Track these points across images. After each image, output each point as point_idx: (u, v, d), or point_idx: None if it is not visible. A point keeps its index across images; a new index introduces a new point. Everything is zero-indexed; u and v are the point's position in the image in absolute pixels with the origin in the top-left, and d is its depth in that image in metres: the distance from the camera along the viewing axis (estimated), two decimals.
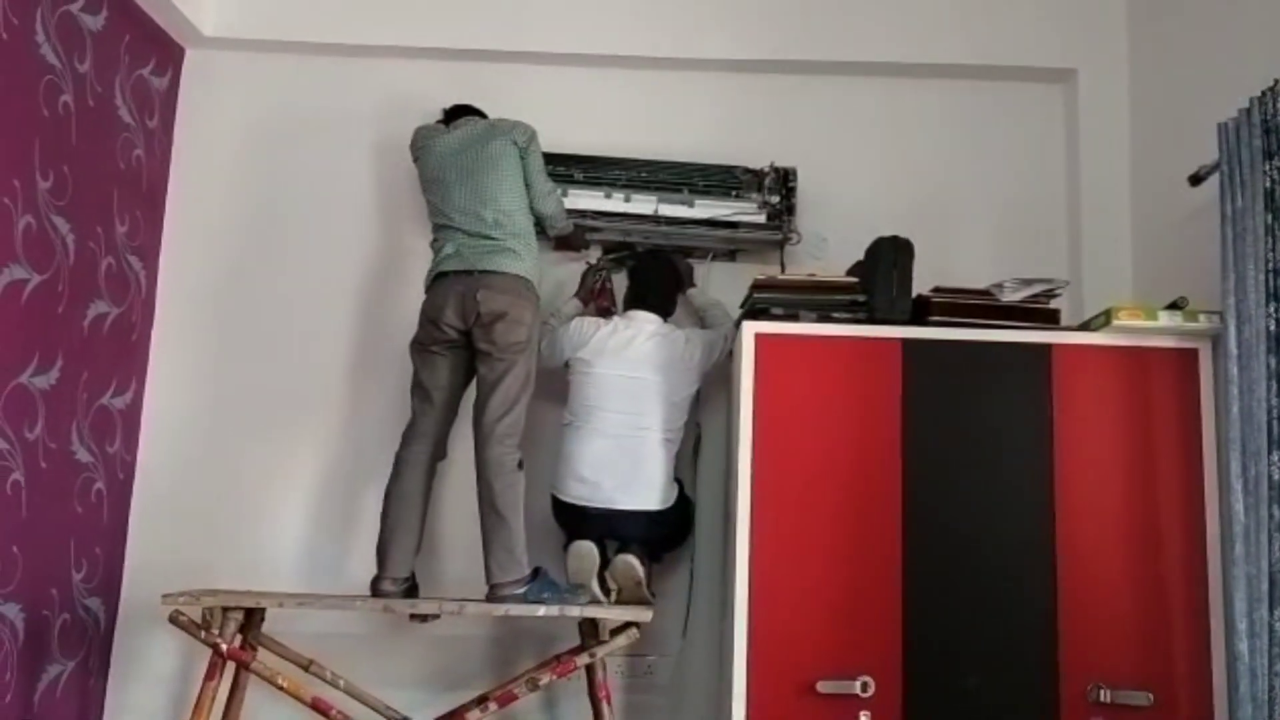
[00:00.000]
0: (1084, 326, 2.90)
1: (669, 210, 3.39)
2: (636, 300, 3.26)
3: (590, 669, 2.89)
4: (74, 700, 3.11)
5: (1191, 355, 2.78)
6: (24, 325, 2.78)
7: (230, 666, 2.88)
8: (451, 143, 3.10)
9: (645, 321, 3.19)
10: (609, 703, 2.89)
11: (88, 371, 3.09)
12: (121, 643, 3.30)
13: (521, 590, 2.86)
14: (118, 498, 3.31)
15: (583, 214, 3.35)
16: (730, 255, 3.49)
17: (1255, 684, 2.29)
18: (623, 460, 3.05)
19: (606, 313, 3.33)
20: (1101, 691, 2.62)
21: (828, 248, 3.38)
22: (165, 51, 3.48)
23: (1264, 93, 2.40)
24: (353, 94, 3.56)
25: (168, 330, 3.47)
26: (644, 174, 3.41)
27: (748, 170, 3.41)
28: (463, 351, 3.04)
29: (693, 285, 3.39)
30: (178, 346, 3.46)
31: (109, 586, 3.28)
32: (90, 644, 3.18)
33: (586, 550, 2.99)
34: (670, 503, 3.09)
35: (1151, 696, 2.61)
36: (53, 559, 2.97)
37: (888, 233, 2.98)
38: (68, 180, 2.94)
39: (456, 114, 3.21)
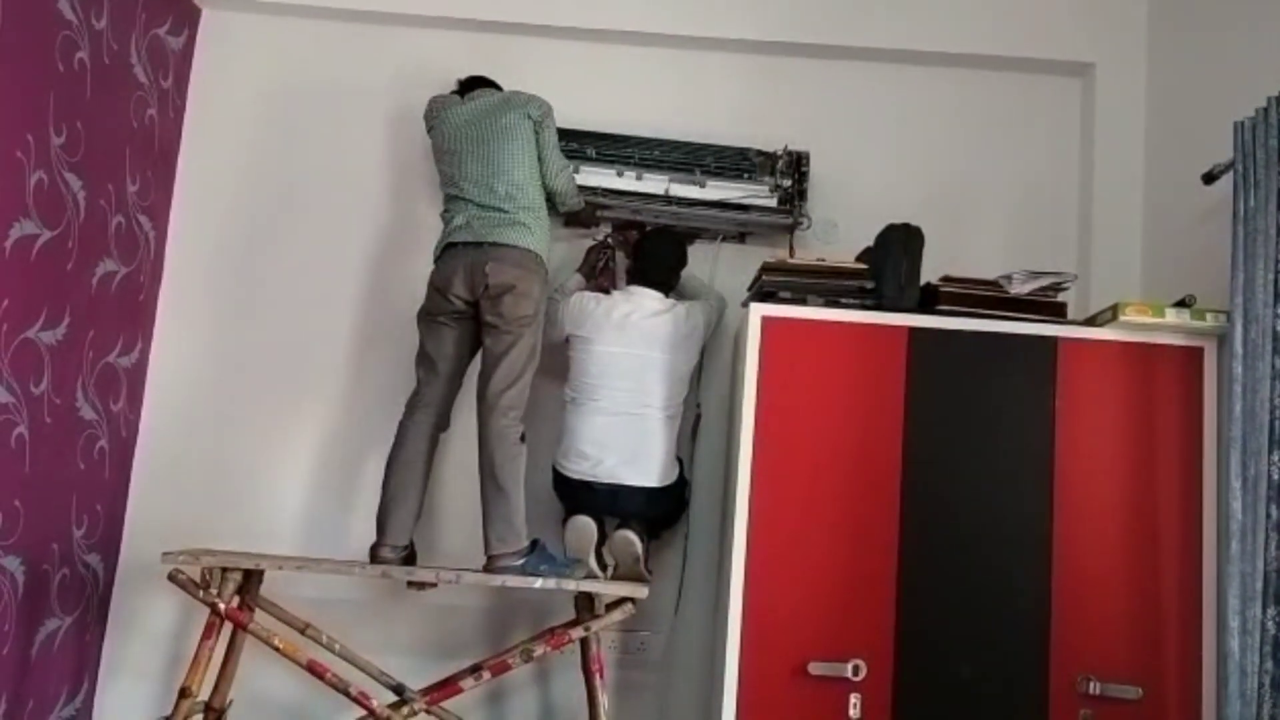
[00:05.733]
0: (1090, 321, 2.90)
1: (680, 190, 3.39)
2: (640, 275, 3.25)
3: (584, 643, 2.91)
4: (71, 654, 3.13)
5: (1197, 353, 2.78)
6: (33, 280, 2.78)
7: (227, 627, 2.90)
8: (465, 114, 3.10)
9: (645, 297, 3.18)
10: (601, 677, 2.90)
11: (94, 329, 3.10)
12: (120, 599, 3.33)
13: (519, 562, 2.87)
14: (120, 456, 3.33)
15: (593, 191, 3.35)
16: (740, 238, 3.49)
17: (1245, 681, 2.30)
18: (625, 436, 3.05)
19: (606, 291, 3.32)
20: (1091, 683, 2.64)
21: (838, 233, 3.38)
22: (181, 11, 3.47)
23: None
24: (369, 61, 3.56)
25: (175, 291, 3.48)
26: (657, 153, 3.41)
27: (761, 153, 3.40)
28: (469, 323, 3.04)
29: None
30: (185, 308, 3.47)
31: (109, 543, 3.30)
32: (88, 600, 3.20)
33: (585, 525, 3.01)
34: (672, 480, 3.11)
35: (1141, 690, 2.63)
36: (54, 514, 2.99)
37: (899, 220, 2.98)
38: (81, 137, 2.94)
39: (472, 85, 3.20)
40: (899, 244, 2.93)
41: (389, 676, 3.04)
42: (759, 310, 2.87)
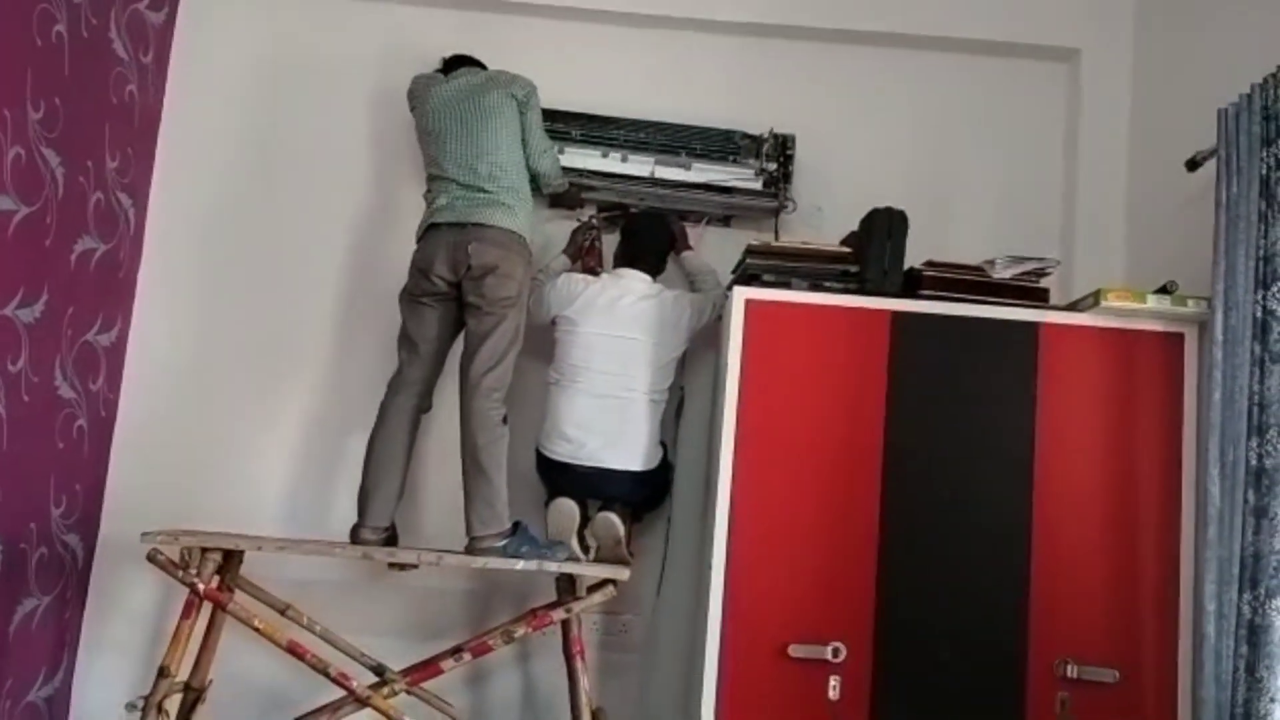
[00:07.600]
0: (1073, 306, 2.91)
1: (665, 173, 3.38)
2: (627, 258, 3.24)
3: (566, 625, 2.91)
4: (49, 633, 3.12)
5: (1178, 339, 2.80)
6: (10, 257, 2.74)
7: (207, 607, 2.89)
8: (449, 93, 3.07)
9: (634, 280, 3.17)
10: (583, 658, 2.91)
11: (73, 307, 3.07)
12: (98, 579, 3.31)
13: (501, 544, 2.87)
14: (99, 435, 3.30)
15: (579, 172, 3.34)
16: (725, 220, 3.48)
17: (1220, 665, 2.32)
18: (609, 420, 3.05)
19: (593, 272, 3.31)
20: (1069, 666, 2.66)
21: (822, 217, 3.38)
22: None
23: (1265, 79, 2.40)
24: (352, 38, 3.53)
25: (155, 269, 3.45)
26: (642, 135, 3.40)
27: (746, 135, 3.40)
28: (452, 304, 3.03)
29: (688, 248, 3.37)
30: (165, 286, 3.44)
31: (87, 523, 3.28)
32: (67, 579, 3.18)
33: (568, 507, 3.00)
34: (655, 464, 3.11)
35: (1117, 674, 2.65)
36: (32, 493, 2.97)
37: (884, 204, 2.97)
38: (59, 112, 2.90)
39: (456, 64, 3.17)
40: (883, 228, 2.93)
41: (369, 657, 3.04)
42: (743, 293, 2.87)
